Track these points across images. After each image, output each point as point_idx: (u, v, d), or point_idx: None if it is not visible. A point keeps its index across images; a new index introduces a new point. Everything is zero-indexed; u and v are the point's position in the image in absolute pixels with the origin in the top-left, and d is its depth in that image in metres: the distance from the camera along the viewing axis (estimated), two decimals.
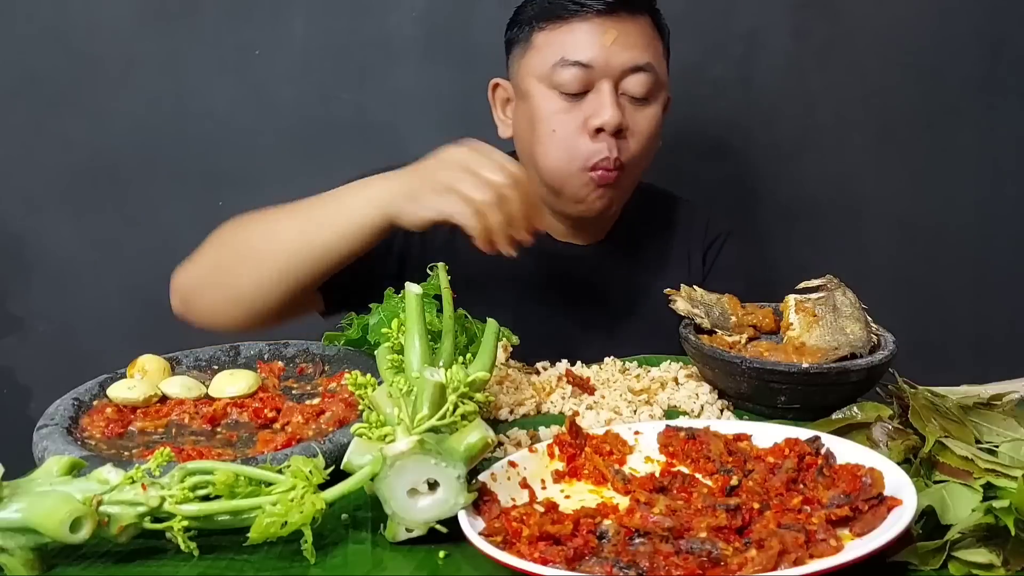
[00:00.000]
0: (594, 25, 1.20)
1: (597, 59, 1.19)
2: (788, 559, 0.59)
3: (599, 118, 1.19)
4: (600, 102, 1.19)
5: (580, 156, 1.21)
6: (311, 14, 1.73)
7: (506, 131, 1.35)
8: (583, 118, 1.20)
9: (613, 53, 1.20)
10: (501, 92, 1.34)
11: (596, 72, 1.20)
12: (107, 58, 1.72)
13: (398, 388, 0.72)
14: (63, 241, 1.79)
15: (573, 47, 1.20)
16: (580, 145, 1.21)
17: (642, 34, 1.23)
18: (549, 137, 1.23)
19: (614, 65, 1.20)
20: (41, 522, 0.62)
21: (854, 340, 0.98)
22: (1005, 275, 1.94)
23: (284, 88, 1.76)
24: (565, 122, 1.21)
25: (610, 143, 1.20)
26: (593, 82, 1.20)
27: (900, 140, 1.86)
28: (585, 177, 1.22)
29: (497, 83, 1.35)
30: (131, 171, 1.77)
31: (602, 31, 1.20)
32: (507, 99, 1.34)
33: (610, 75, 1.20)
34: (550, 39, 1.23)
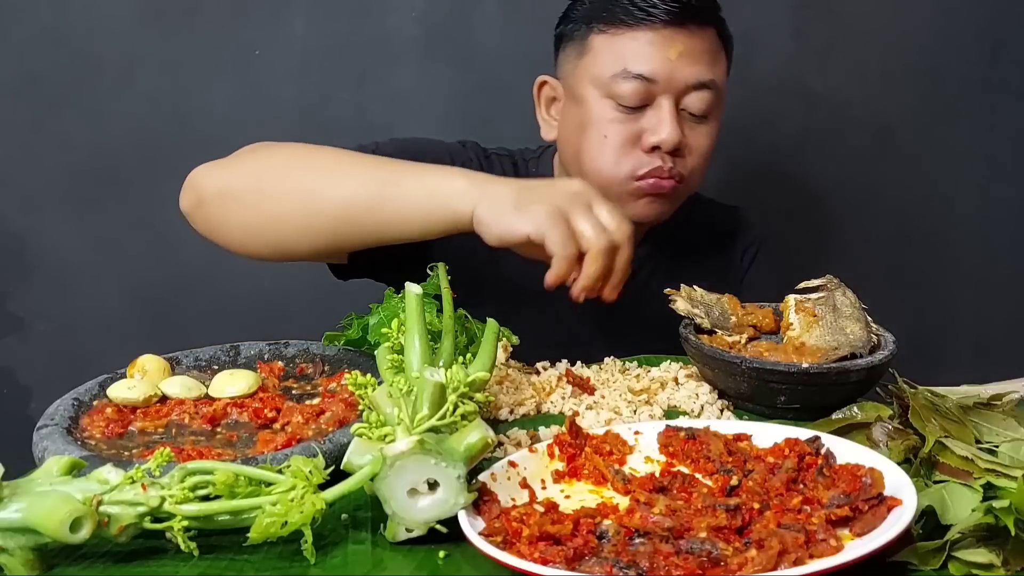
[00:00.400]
0: (659, 35, 1.14)
1: (660, 73, 1.13)
2: (788, 559, 0.59)
3: (657, 136, 1.14)
4: (659, 119, 1.14)
5: (629, 167, 1.17)
6: (311, 14, 1.73)
7: (550, 132, 1.29)
8: (639, 131, 1.16)
9: (678, 68, 1.14)
10: (547, 91, 1.28)
11: (658, 87, 1.14)
12: (107, 58, 1.73)
13: (398, 388, 0.72)
14: (63, 241, 1.79)
15: (636, 58, 1.14)
16: (631, 156, 1.16)
17: (708, 48, 1.17)
18: (600, 142, 1.17)
19: (678, 80, 1.14)
20: (41, 522, 0.62)
21: (854, 340, 0.98)
22: (1005, 275, 1.94)
23: (284, 88, 1.76)
24: (619, 131, 1.16)
25: (665, 159, 1.16)
26: (654, 96, 1.15)
27: (900, 140, 1.87)
28: (631, 185, 1.17)
29: (545, 81, 1.28)
30: (131, 171, 1.77)
31: (668, 43, 1.14)
32: (553, 98, 1.27)
33: (672, 91, 1.14)
34: (610, 45, 1.16)
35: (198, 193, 1.06)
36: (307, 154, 1.04)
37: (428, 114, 1.77)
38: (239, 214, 1.04)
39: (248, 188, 1.03)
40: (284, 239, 1.03)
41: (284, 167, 1.03)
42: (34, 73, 1.72)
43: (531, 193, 0.93)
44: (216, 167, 1.07)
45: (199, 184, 1.07)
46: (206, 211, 1.06)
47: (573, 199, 0.92)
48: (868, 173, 1.87)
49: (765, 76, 1.80)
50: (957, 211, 1.91)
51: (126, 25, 1.71)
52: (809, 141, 1.85)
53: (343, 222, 0.99)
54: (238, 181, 1.04)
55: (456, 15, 1.75)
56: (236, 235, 1.05)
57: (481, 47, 1.75)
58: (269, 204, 1.01)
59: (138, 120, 1.75)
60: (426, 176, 0.97)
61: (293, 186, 1.01)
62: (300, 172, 1.02)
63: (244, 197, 1.03)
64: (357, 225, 0.99)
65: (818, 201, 1.88)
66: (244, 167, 1.06)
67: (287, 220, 1.01)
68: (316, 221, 1.00)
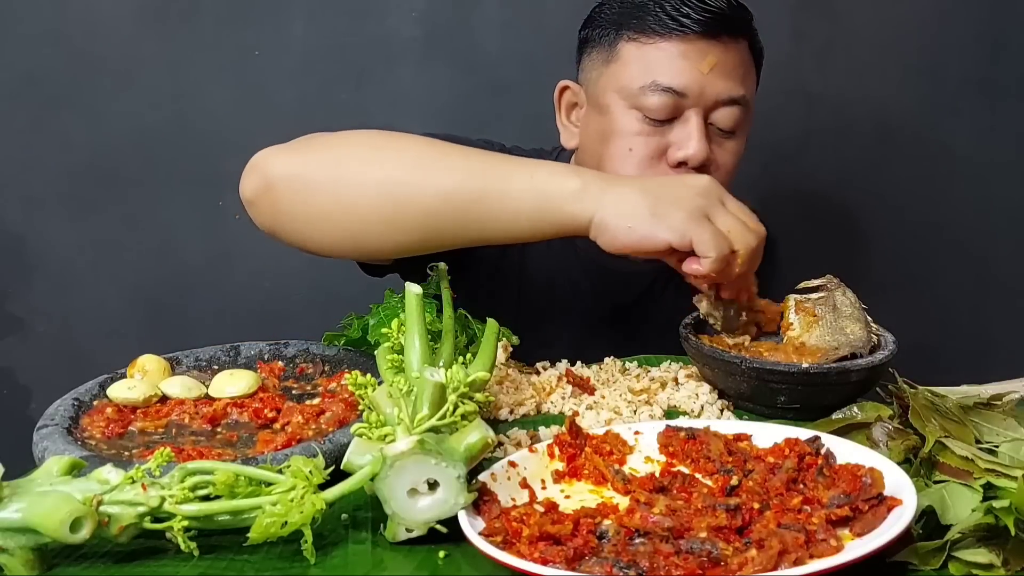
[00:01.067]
0: (691, 47, 1.09)
1: (692, 87, 1.09)
2: (788, 559, 0.59)
3: (684, 152, 1.10)
4: (687, 134, 1.10)
5: None
6: (311, 15, 1.73)
7: (571, 140, 1.24)
8: (665, 145, 1.12)
9: (709, 82, 1.10)
10: (569, 96, 1.23)
11: (688, 101, 1.10)
12: (107, 59, 1.73)
13: (398, 388, 0.72)
14: (63, 241, 1.79)
15: (666, 70, 1.10)
16: (656, 170, 1.12)
17: (740, 62, 1.13)
18: (624, 155, 1.13)
19: (708, 95, 1.10)
20: (41, 522, 0.62)
21: (854, 340, 0.98)
22: (1005, 275, 1.94)
23: (284, 89, 1.76)
24: (644, 143, 1.12)
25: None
26: (682, 110, 1.11)
27: (899, 140, 1.87)
28: None
29: (566, 86, 1.23)
30: (131, 171, 1.77)
31: (700, 55, 1.09)
32: (574, 104, 1.23)
33: (702, 105, 1.11)
34: (640, 54, 1.12)
35: (266, 178, 0.94)
36: (394, 140, 0.94)
37: (428, 115, 1.77)
38: (314, 203, 0.92)
39: (327, 175, 0.92)
40: (365, 233, 0.93)
41: (370, 152, 0.93)
42: (34, 74, 1.72)
43: (661, 195, 0.87)
44: (286, 150, 0.96)
45: (268, 167, 0.94)
46: (275, 198, 0.94)
47: (708, 196, 0.88)
48: (868, 173, 1.87)
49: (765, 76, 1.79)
50: (957, 211, 1.91)
51: (126, 26, 1.72)
52: (809, 141, 1.85)
53: (439, 218, 0.90)
54: (314, 166, 0.93)
55: (456, 16, 1.75)
56: (308, 227, 0.95)
57: (481, 48, 1.75)
58: (351, 193, 0.91)
59: (138, 121, 1.75)
60: (536, 173, 0.89)
61: (381, 174, 0.91)
62: (390, 159, 0.92)
63: (322, 185, 0.92)
64: (455, 222, 0.90)
65: (818, 201, 1.88)
66: (321, 151, 0.95)
67: (371, 212, 0.91)
68: (406, 215, 0.90)
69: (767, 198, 1.84)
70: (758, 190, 1.85)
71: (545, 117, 1.29)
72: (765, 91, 1.79)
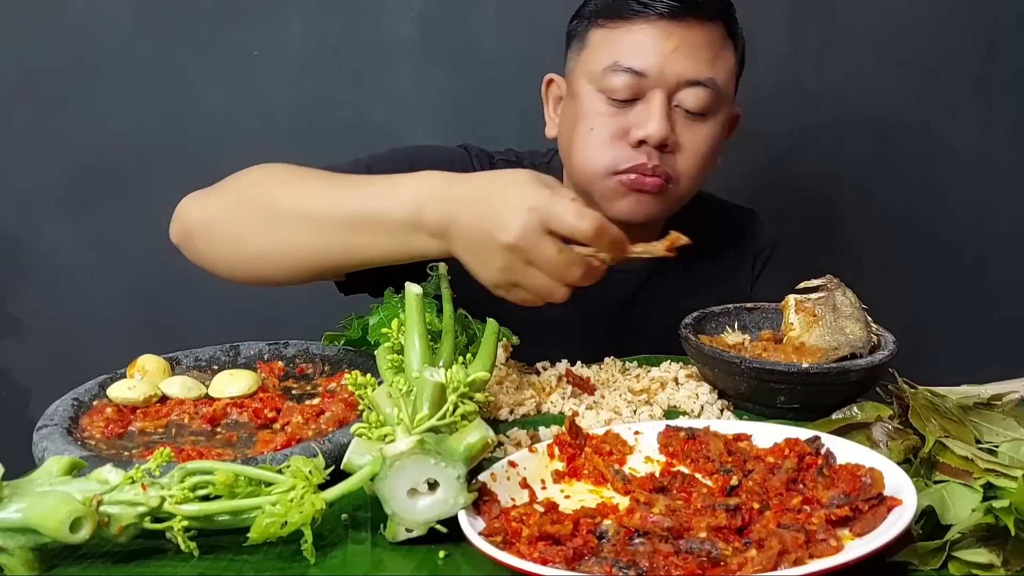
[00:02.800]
0: (656, 29, 1.11)
1: (652, 67, 1.11)
2: (788, 559, 0.59)
3: (643, 129, 1.11)
4: (648, 113, 1.12)
5: (612, 160, 1.14)
6: (308, 15, 1.73)
7: (552, 130, 1.27)
8: (627, 125, 1.13)
9: (671, 62, 1.11)
10: (554, 89, 1.26)
11: (649, 81, 1.11)
12: (105, 60, 1.72)
13: (398, 388, 0.72)
14: (61, 242, 1.79)
15: (629, 51, 1.12)
16: (615, 149, 1.14)
17: (709, 44, 1.13)
18: (586, 135, 1.16)
19: (670, 75, 1.11)
20: (41, 522, 0.62)
21: (854, 340, 0.98)
22: (1004, 274, 1.94)
23: (282, 89, 1.76)
24: (606, 124, 1.14)
25: (651, 155, 1.12)
26: (645, 91, 1.12)
27: (897, 139, 1.87)
28: (613, 181, 1.14)
29: (551, 79, 1.27)
30: (129, 172, 1.77)
31: (664, 36, 1.11)
32: (559, 97, 1.26)
33: (664, 85, 1.12)
34: (607, 39, 1.15)
35: (185, 225, 1.05)
36: (285, 184, 1.02)
37: (426, 115, 1.77)
38: (223, 248, 1.02)
39: (230, 223, 1.01)
40: (268, 275, 1.01)
41: (263, 199, 1.00)
42: (31, 75, 1.72)
43: (476, 257, 0.87)
44: (202, 197, 1.05)
45: (186, 216, 1.05)
46: (193, 243, 1.04)
47: (512, 263, 0.85)
48: (866, 172, 1.87)
49: (762, 75, 1.80)
50: (955, 210, 1.91)
51: (123, 27, 1.71)
52: (807, 140, 1.85)
53: (322, 256, 0.97)
54: (221, 213, 1.02)
55: (454, 16, 1.75)
56: (221, 266, 1.04)
57: (479, 48, 1.75)
58: (249, 243, 1.00)
59: (135, 121, 1.75)
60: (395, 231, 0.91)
61: (269, 230, 0.98)
62: (278, 205, 0.99)
63: (227, 232, 1.01)
64: (336, 260, 0.97)
65: (816, 200, 1.88)
66: (226, 198, 1.03)
67: (266, 253, 0.99)
68: (295, 255, 0.98)
69: (765, 196, 1.85)
70: (756, 188, 1.85)
71: (542, 116, 1.29)
72: (763, 90, 1.81)
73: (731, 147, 1.81)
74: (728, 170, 1.81)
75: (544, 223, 0.83)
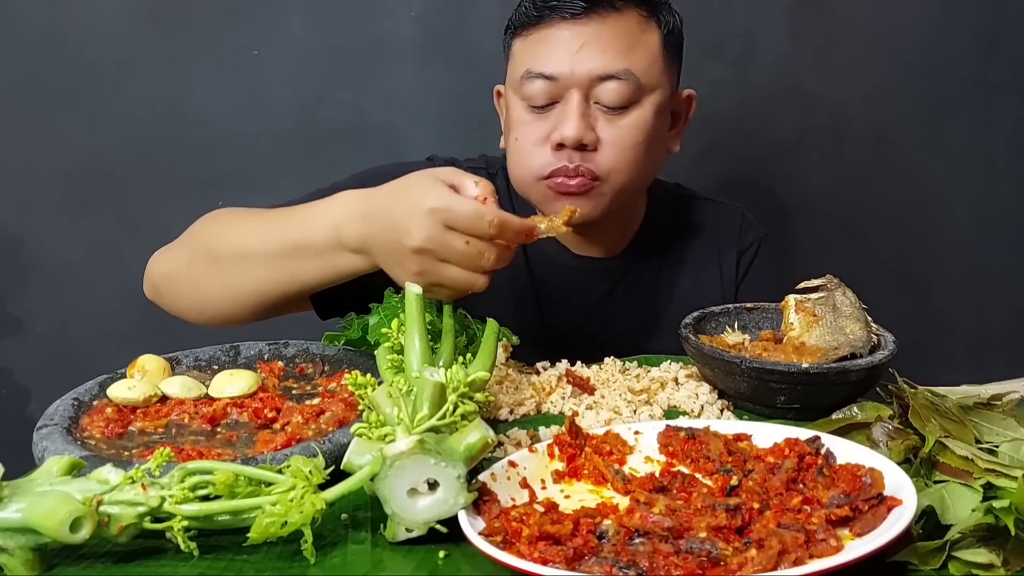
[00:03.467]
0: (562, 32, 1.12)
1: (561, 70, 1.11)
2: (788, 559, 0.59)
3: (559, 132, 1.11)
4: (564, 114, 1.12)
5: (537, 166, 1.14)
6: (308, 15, 1.73)
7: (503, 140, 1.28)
8: (548, 130, 1.13)
9: (580, 61, 1.11)
10: (503, 100, 1.27)
11: (562, 84, 1.12)
12: (104, 60, 1.72)
13: (398, 388, 0.72)
14: (61, 243, 1.79)
15: (541, 57, 1.13)
16: (538, 155, 1.14)
17: (621, 35, 1.12)
18: (513, 146, 1.18)
19: (580, 74, 1.11)
20: (41, 522, 0.62)
21: (854, 340, 0.98)
22: (1003, 274, 1.94)
23: (281, 89, 1.76)
24: (528, 132, 1.15)
25: (572, 156, 1.12)
26: (561, 94, 1.12)
27: (896, 139, 1.87)
28: (542, 187, 1.15)
29: (499, 91, 1.28)
30: (128, 173, 1.77)
31: (571, 37, 1.11)
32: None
33: (577, 85, 1.11)
34: (523, 48, 1.16)
35: (153, 281, 1.14)
36: (224, 235, 1.08)
37: (425, 115, 1.77)
38: (184, 296, 1.11)
39: (185, 273, 1.10)
40: (225, 315, 1.09)
41: (208, 252, 1.07)
42: (31, 75, 1.72)
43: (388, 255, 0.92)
44: (165, 252, 1.14)
45: (152, 271, 1.14)
46: (161, 296, 1.14)
47: (423, 258, 0.89)
48: (865, 173, 1.87)
49: (762, 76, 1.81)
50: (954, 210, 1.91)
51: (123, 27, 1.71)
52: (806, 141, 1.85)
53: (269, 300, 1.05)
54: (177, 266, 1.11)
55: (453, 16, 1.75)
56: (189, 314, 1.13)
57: (479, 48, 1.75)
58: (202, 288, 1.08)
59: (135, 121, 1.75)
60: (321, 253, 0.97)
61: (216, 273, 1.06)
62: (219, 258, 1.06)
63: (184, 281, 1.10)
64: (279, 292, 1.03)
65: (816, 201, 1.88)
66: (181, 252, 1.11)
67: (220, 296, 1.07)
68: (244, 295, 1.05)
69: (765, 197, 1.85)
70: (756, 189, 1.85)
71: None
72: (762, 90, 1.81)
73: (731, 147, 1.82)
74: (728, 170, 1.83)
75: (446, 222, 0.87)
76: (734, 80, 1.79)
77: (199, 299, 1.10)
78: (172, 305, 1.14)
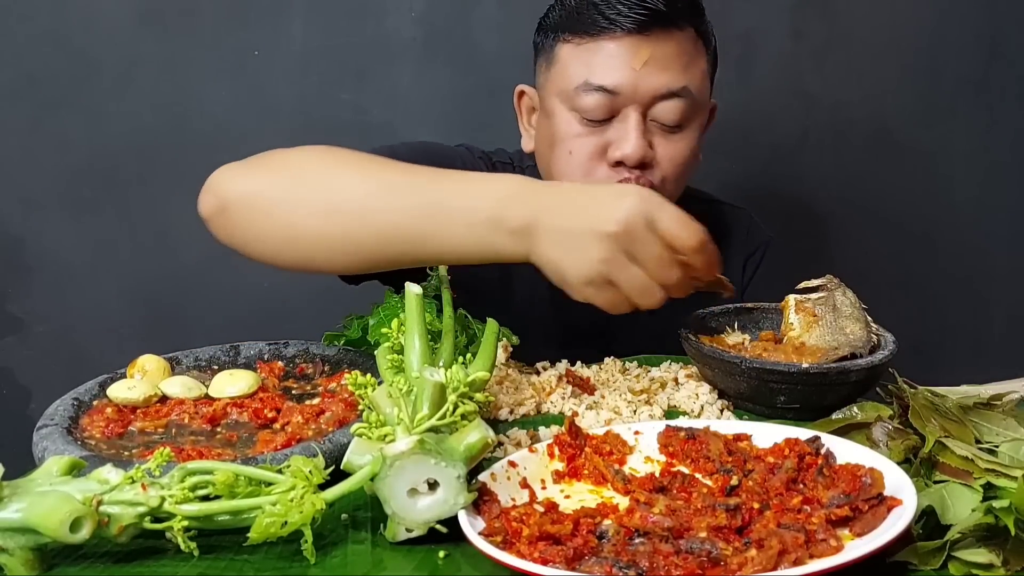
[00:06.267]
0: (624, 45, 1.09)
1: (624, 85, 1.08)
2: (788, 559, 0.59)
3: (620, 150, 1.10)
4: (624, 132, 1.10)
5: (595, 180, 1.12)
6: (310, 15, 1.73)
7: (529, 143, 1.25)
8: (604, 144, 1.11)
9: (643, 77, 1.08)
10: (527, 100, 1.24)
11: (622, 99, 1.09)
12: (106, 59, 1.72)
13: (398, 388, 0.72)
14: (62, 242, 1.79)
15: (599, 69, 1.09)
16: (596, 171, 1.12)
17: (680, 53, 1.11)
18: (566, 158, 1.14)
19: (643, 91, 1.09)
20: (41, 522, 0.62)
21: (854, 340, 0.98)
22: (1004, 274, 1.94)
23: (283, 89, 1.76)
24: (583, 145, 1.12)
25: (632, 173, 1.11)
26: (619, 109, 1.10)
27: (898, 140, 1.87)
28: None
29: (523, 91, 1.25)
30: (130, 172, 1.77)
31: (633, 52, 1.08)
32: (532, 108, 1.24)
33: (638, 102, 1.09)
34: (575, 55, 1.12)
35: (221, 198, 0.95)
36: (345, 164, 0.94)
37: (427, 115, 1.77)
38: (267, 225, 0.93)
39: (279, 197, 0.92)
40: (315, 256, 0.93)
41: (321, 177, 0.93)
42: (33, 74, 1.72)
43: (570, 252, 0.83)
44: (242, 170, 0.96)
45: (223, 187, 0.95)
46: (229, 218, 0.95)
47: (612, 257, 0.81)
48: (866, 173, 1.87)
49: (763, 76, 1.81)
50: (955, 211, 1.91)
51: (125, 26, 1.71)
52: (807, 141, 1.85)
53: (386, 243, 0.89)
54: (268, 188, 0.93)
55: (455, 16, 1.75)
56: (261, 247, 0.94)
57: (480, 48, 1.75)
58: (302, 218, 0.91)
59: (137, 121, 1.75)
60: (475, 225, 0.86)
61: (331, 201, 0.91)
62: (338, 182, 0.91)
63: (274, 207, 0.92)
64: (400, 249, 0.90)
65: (817, 201, 1.88)
66: (274, 173, 0.94)
67: (321, 237, 0.91)
68: (354, 241, 0.90)
69: (766, 197, 1.85)
70: (757, 189, 1.85)
71: None
72: (764, 91, 1.81)
73: (731, 147, 1.82)
74: (729, 170, 1.82)
75: (649, 217, 0.80)
76: (735, 81, 1.79)
77: (287, 233, 0.92)
78: (241, 230, 0.95)
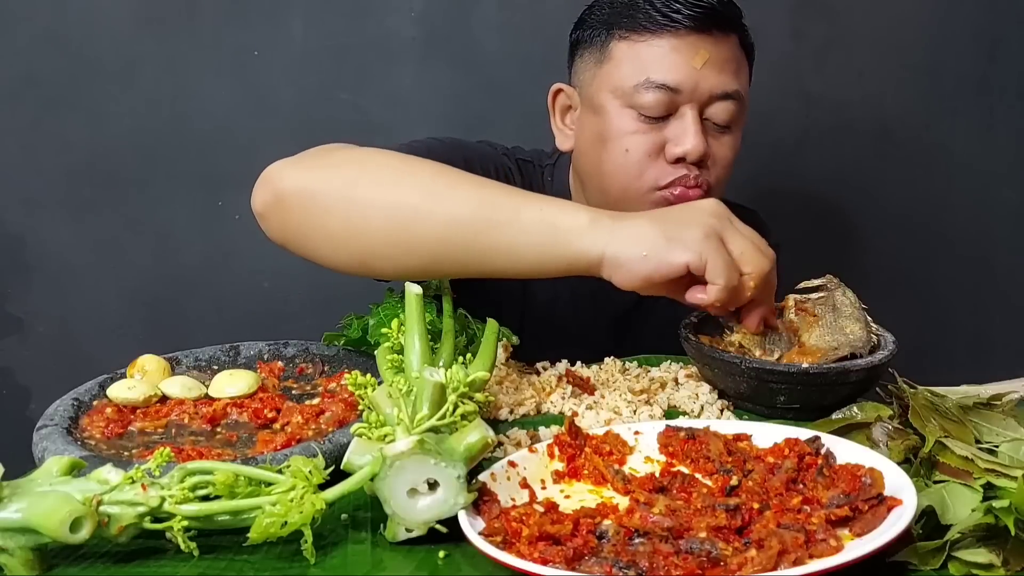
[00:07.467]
0: (684, 43, 1.10)
1: (686, 83, 1.10)
2: (788, 559, 0.59)
3: (681, 147, 1.10)
4: (684, 129, 1.11)
5: (652, 177, 1.13)
6: (310, 15, 1.73)
7: (566, 143, 1.24)
8: (661, 142, 1.12)
9: (703, 77, 1.10)
10: (563, 99, 1.23)
11: (682, 97, 1.10)
12: (106, 59, 1.73)
13: (398, 388, 0.72)
14: (62, 242, 1.79)
15: (659, 66, 1.10)
16: (654, 168, 1.12)
17: (732, 57, 1.13)
18: (622, 156, 1.13)
19: (702, 90, 1.10)
20: (41, 522, 0.62)
21: (854, 340, 0.98)
22: (1004, 274, 1.94)
23: (283, 89, 1.76)
24: (641, 142, 1.12)
25: (691, 168, 1.12)
26: (677, 106, 1.11)
27: (898, 140, 1.87)
28: (654, 195, 1.13)
29: (560, 89, 1.24)
30: (130, 172, 1.77)
31: (692, 50, 1.10)
32: (568, 107, 1.23)
33: (697, 100, 1.11)
34: (632, 53, 1.12)
35: (277, 192, 0.93)
36: (407, 164, 0.93)
37: (427, 114, 1.77)
38: (324, 222, 0.91)
39: (337, 194, 0.90)
40: (372, 256, 0.92)
41: (382, 175, 0.91)
42: (33, 74, 1.72)
43: (672, 219, 0.86)
44: (299, 164, 0.95)
45: (279, 182, 0.93)
46: (285, 214, 0.93)
47: (720, 217, 0.86)
48: (867, 173, 1.87)
49: (764, 76, 1.79)
50: (956, 211, 1.91)
51: (125, 26, 1.72)
52: (807, 141, 1.86)
53: (446, 245, 0.88)
54: (326, 185, 0.91)
55: (455, 16, 1.75)
56: (316, 244, 0.93)
57: (480, 48, 1.75)
58: (361, 216, 0.89)
59: (137, 121, 1.75)
60: (546, 207, 0.87)
61: (393, 199, 0.89)
62: (402, 183, 0.90)
63: (332, 204, 0.91)
64: (462, 252, 0.88)
65: (817, 201, 1.88)
66: (332, 169, 0.93)
67: (380, 237, 0.90)
68: (413, 241, 0.89)
69: (766, 198, 1.85)
70: (757, 189, 1.85)
71: (543, 117, 1.29)
72: (764, 91, 1.80)
73: None
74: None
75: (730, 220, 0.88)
76: None
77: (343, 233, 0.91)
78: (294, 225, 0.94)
